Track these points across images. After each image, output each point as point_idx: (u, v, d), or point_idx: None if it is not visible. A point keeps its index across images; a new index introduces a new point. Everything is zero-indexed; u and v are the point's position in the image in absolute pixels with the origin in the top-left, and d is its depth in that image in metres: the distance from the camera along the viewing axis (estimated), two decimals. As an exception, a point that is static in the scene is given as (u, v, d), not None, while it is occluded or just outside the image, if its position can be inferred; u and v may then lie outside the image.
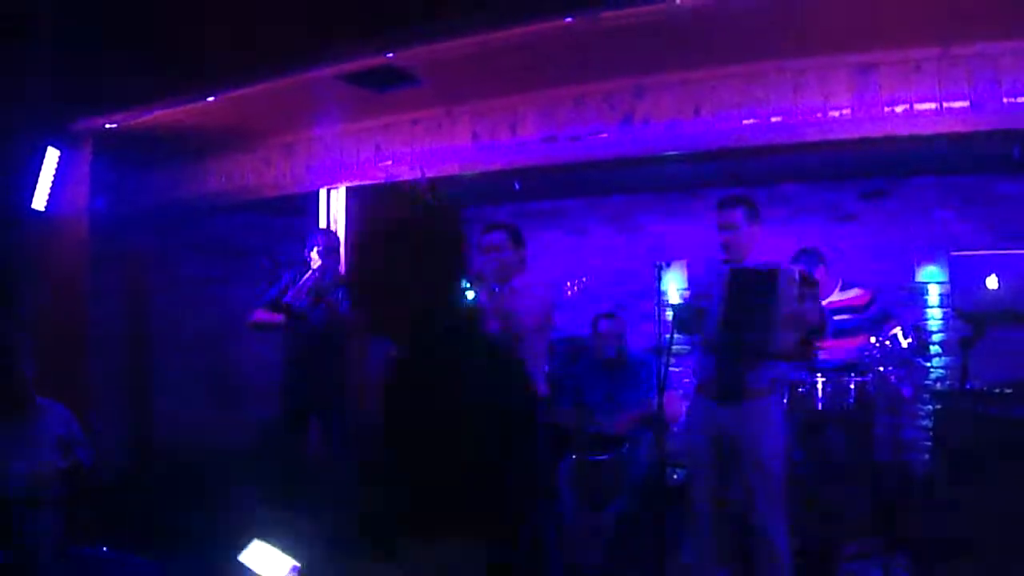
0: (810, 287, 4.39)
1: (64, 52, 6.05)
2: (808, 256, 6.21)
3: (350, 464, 6.77)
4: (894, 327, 5.95)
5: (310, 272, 6.14)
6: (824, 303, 5.16)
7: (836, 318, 5.85)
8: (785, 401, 5.57)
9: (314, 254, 6.19)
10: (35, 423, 5.05)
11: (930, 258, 7.54)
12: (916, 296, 7.64)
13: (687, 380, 7.78)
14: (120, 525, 6.52)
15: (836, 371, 5.83)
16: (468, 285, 5.04)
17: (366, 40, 5.34)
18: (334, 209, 7.32)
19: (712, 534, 4.70)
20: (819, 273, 5.87)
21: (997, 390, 5.30)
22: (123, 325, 9.18)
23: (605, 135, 6.08)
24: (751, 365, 4.56)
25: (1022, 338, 5.11)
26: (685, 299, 4.92)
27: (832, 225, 7.94)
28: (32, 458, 4.91)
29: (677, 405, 5.92)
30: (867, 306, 6.22)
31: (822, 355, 5.74)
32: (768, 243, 4.85)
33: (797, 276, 4.36)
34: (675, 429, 5.91)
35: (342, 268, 6.50)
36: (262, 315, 6.26)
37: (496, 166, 6.55)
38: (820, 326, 4.43)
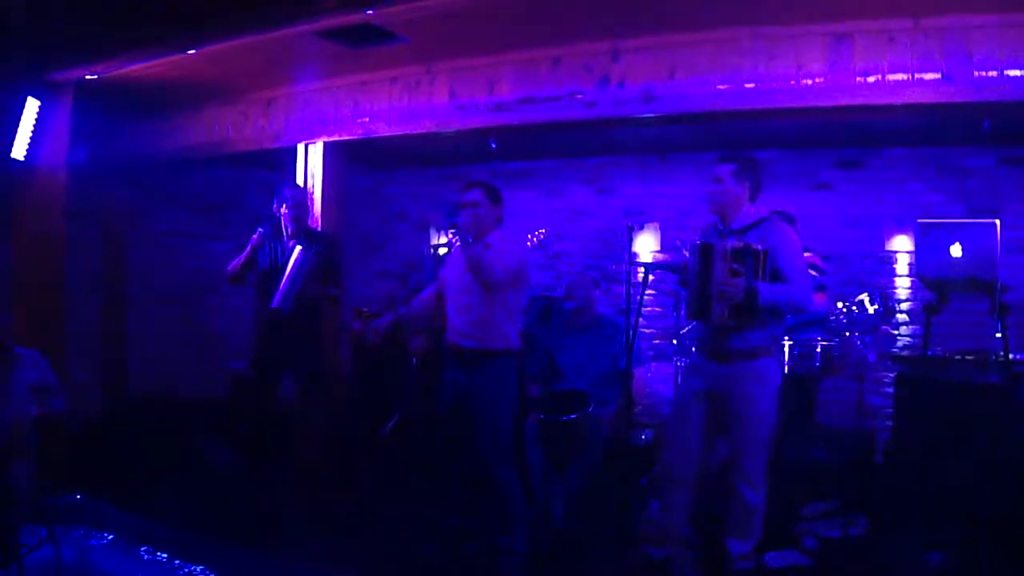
0: (742, 262, 4.38)
1: (42, 1, 6.02)
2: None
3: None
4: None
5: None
6: None
7: None
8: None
9: (283, 210, 6.22)
10: (9, 372, 5.07)
11: (901, 228, 7.67)
12: (885, 264, 7.80)
13: (657, 342, 7.93)
14: (94, 472, 6.60)
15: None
16: (446, 239, 5.15)
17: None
18: (311, 164, 7.33)
19: (684, 493, 4.71)
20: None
21: (958, 357, 5.41)
22: (100, 277, 9.23)
23: (581, 96, 6.12)
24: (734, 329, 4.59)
25: (984, 307, 5.19)
26: (656, 261, 4.93)
27: (806, 193, 8.04)
28: (5, 407, 4.95)
29: (643, 384, 5.97)
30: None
31: None
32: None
33: (729, 251, 4.40)
34: (642, 402, 5.94)
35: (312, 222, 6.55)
36: (235, 263, 6.21)
37: (473, 125, 6.56)
38: (745, 302, 4.43)
